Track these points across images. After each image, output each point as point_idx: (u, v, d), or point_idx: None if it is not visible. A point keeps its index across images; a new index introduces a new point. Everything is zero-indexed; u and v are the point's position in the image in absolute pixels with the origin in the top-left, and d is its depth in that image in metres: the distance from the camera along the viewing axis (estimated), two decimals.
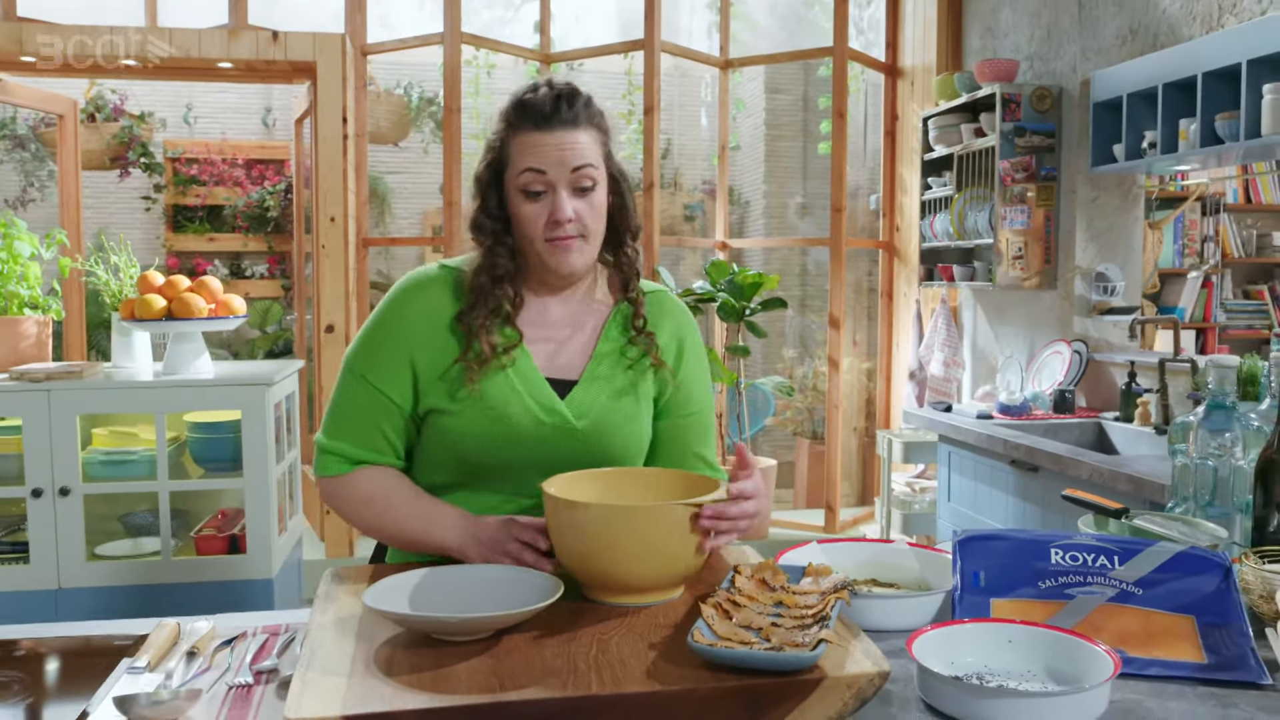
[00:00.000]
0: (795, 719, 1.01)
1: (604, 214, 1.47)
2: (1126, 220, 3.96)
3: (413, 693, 0.98)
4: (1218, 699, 1.10)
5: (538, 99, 1.42)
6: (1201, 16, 3.28)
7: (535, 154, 1.40)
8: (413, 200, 7.06)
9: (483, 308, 1.44)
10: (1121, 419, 3.49)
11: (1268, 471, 1.36)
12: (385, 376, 1.45)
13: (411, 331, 1.46)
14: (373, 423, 1.46)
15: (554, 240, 1.43)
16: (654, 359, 1.51)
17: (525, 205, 1.43)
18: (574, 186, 1.42)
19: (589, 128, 1.44)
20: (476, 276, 1.46)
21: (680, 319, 1.59)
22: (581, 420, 1.46)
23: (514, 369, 1.45)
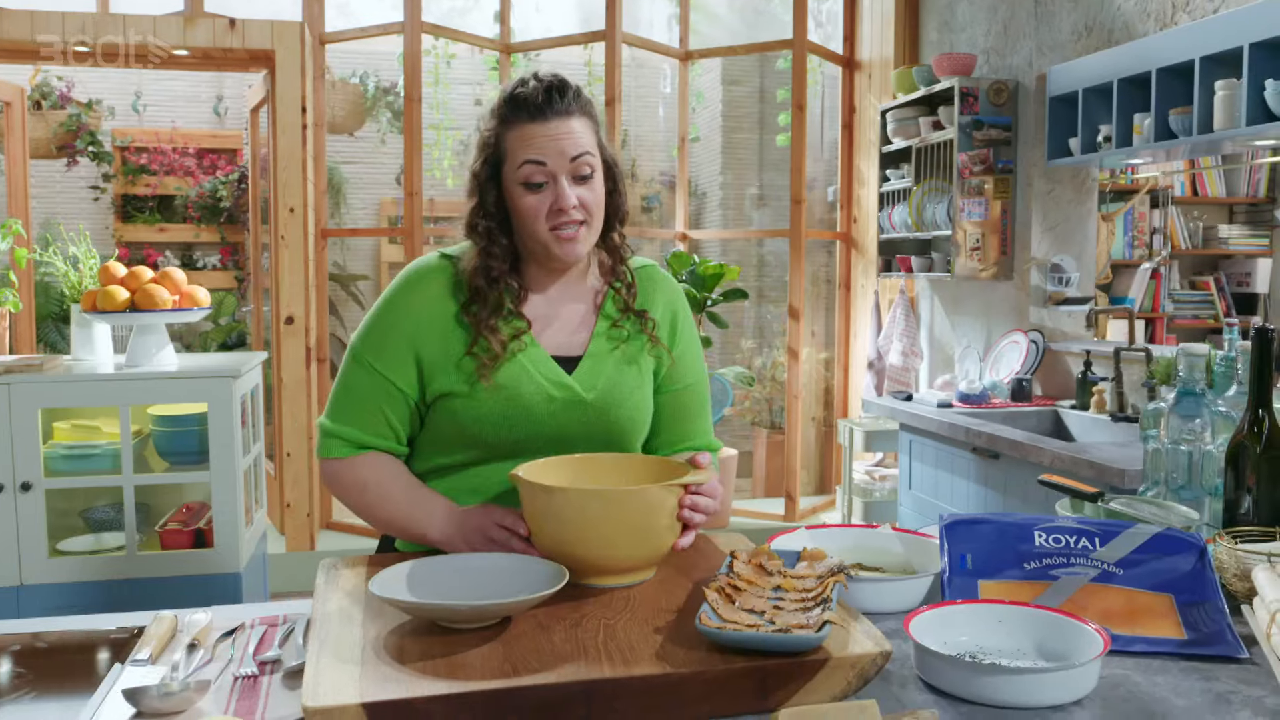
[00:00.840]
0: (801, 698, 1.04)
1: (602, 200, 1.50)
2: (1081, 212, 4.05)
3: (428, 680, 1.00)
4: (1200, 673, 1.14)
5: (529, 92, 1.44)
6: (1155, 14, 3.36)
7: (534, 146, 1.43)
8: (368, 190, 7.00)
9: (485, 307, 1.47)
10: (1078, 407, 3.58)
11: (1238, 456, 1.41)
12: (390, 364, 1.47)
13: (416, 322, 1.48)
14: (376, 408, 1.48)
15: (558, 229, 1.45)
16: (650, 336, 1.55)
17: (527, 197, 1.45)
18: (574, 175, 1.45)
19: (582, 116, 1.47)
20: (475, 277, 1.48)
21: (671, 292, 1.63)
22: (590, 392, 1.50)
23: (524, 352, 1.49)
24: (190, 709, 1.05)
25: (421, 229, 4.62)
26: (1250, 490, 1.40)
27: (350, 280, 6.81)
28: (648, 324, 1.55)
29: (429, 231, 4.83)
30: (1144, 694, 1.09)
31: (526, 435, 1.48)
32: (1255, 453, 1.39)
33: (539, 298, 1.54)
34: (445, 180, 6.15)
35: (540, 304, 1.54)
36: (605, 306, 1.56)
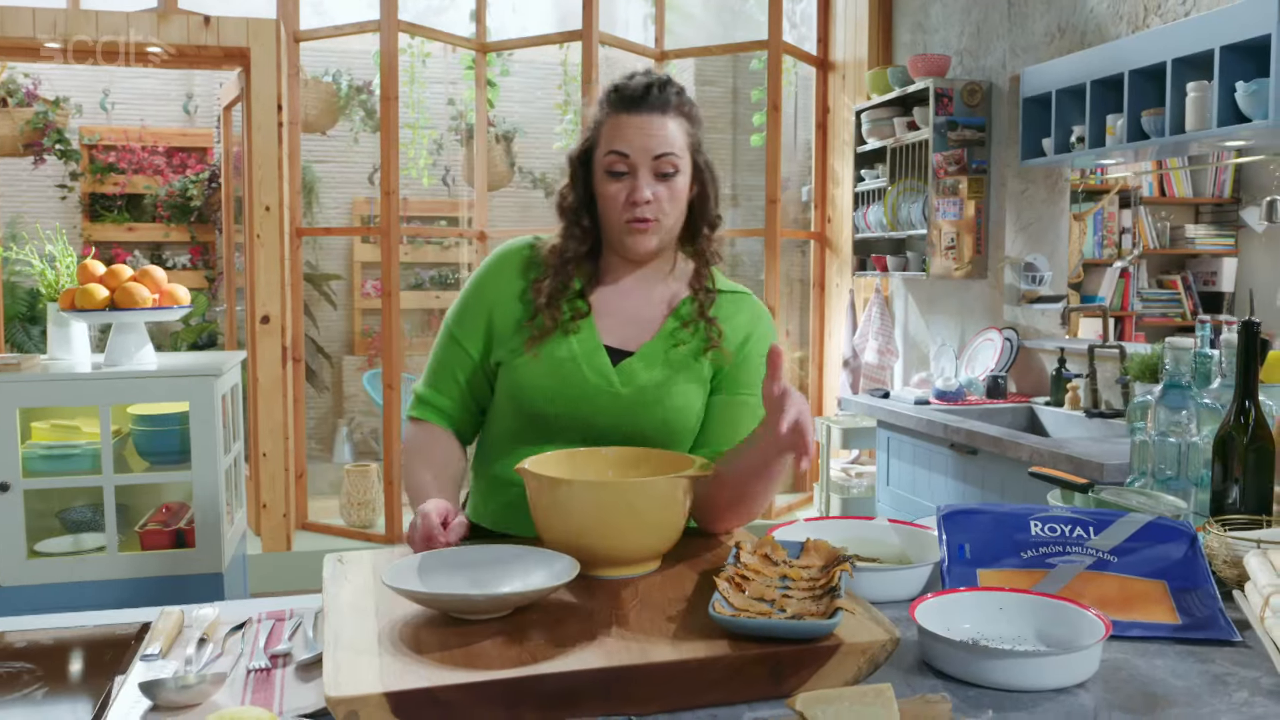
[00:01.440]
0: (814, 684, 1.06)
1: (683, 202, 1.52)
2: (1054, 212, 4.11)
3: (448, 669, 1.00)
4: (1196, 656, 1.18)
5: (631, 85, 1.49)
6: (1128, 17, 3.42)
7: (621, 136, 1.48)
8: (340, 190, 6.97)
9: (552, 283, 1.53)
10: (1052, 403, 3.63)
11: (1225, 446, 1.45)
12: (466, 331, 1.58)
13: (493, 292, 1.58)
14: (450, 372, 1.59)
15: (631, 221, 1.49)
16: (713, 341, 1.55)
17: (608, 184, 1.50)
18: (655, 171, 1.48)
19: (677, 116, 1.50)
20: (551, 255, 1.56)
21: (756, 316, 1.61)
22: (626, 388, 1.52)
23: (577, 335, 1.52)
24: (206, 701, 1.05)
25: (398, 228, 4.61)
26: (1237, 480, 1.43)
27: (323, 280, 6.77)
28: (714, 330, 1.55)
29: (405, 231, 4.82)
30: (1143, 676, 1.12)
31: (562, 413, 1.51)
32: (1242, 443, 1.43)
33: (611, 287, 1.58)
34: (421, 179, 6.13)
35: (610, 293, 1.57)
36: (679, 309, 1.57)
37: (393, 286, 4.61)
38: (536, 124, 7.10)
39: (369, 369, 6.61)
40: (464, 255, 7.03)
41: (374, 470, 4.95)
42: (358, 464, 5.06)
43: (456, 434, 1.62)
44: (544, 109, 7.03)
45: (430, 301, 6.97)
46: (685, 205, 1.53)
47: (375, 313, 7.02)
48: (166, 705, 1.04)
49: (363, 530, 4.85)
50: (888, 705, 0.97)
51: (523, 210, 7.20)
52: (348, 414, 6.89)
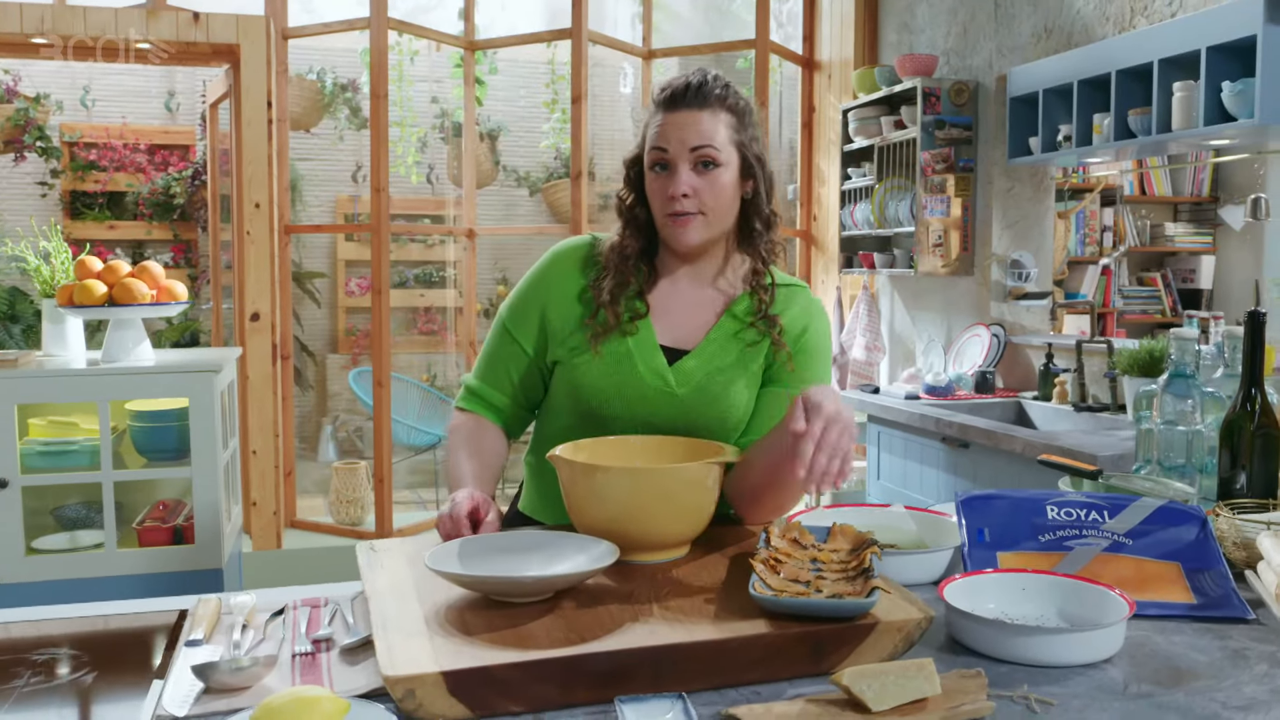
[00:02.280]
0: (852, 661, 1.09)
1: (727, 194, 1.52)
2: (1039, 210, 4.17)
3: (500, 649, 1.03)
4: (1213, 633, 1.22)
5: (675, 83, 1.52)
6: (1114, 18, 3.48)
7: (661, 132, 1.51)
8: (323, 187, 6.95)
9: (612, 281, 1.55)
10: (1040, 398, 3.69)
11: (1232, 433, 1.50)
12: (520, 326, 1.60)
13: (549, 290, 1.60)
14: (502, 365, 1.62)
15: (672, 215, 1.51)
16: (774, 339, 1.56)
17: (652, 181, 1.54)
18: (694, 164, 1.50)
19: (718, 109, 1.51)
20: (610, 253, 1.58)
21: (810, 309, 1.62)
22: (683, 388, 1.54)
23: (634, 336, 1.55)
24: (256, 684, 1.07)
25: (388, 225, 4.61)
26: (1245, 466, 1.48)
27: (307, 278, 6.75)
28: (775, 328, 1.56)
29: (394, 229, 4.82)
30: (1166, 652, 1.16)
31: (621, 413, 1.53)
32: (1249, 430, 1.48)
33: (667, 286, 1.59)
34: (409, 177, 6.13)
35: (667, 292, 1.59)
36: (734, 308, 1.58)
37: (383, 284, 4.61)
38: (520, 122, 7.11)
39: (354, 367, 6.60)
40: (450, 253, 7.03)
41: (363, 468, 4.95)
42: (347, 462, 5.06)
43: (504, 429, 1.64)
44: (527, 107, 7.05)
45: (415, 300, 6.97)
46: (733, 200, 1.54)
47: (359, 311, 7.01)
48: (219, 687, 1.05)
49: (352, 528, 4.85)
50: (930, 679, 1.00)
51: (507, 208, 7.21)
52: (331, 412, 6.87)
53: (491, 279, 7.17)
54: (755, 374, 1.58)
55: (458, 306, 6.99)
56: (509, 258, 7.24)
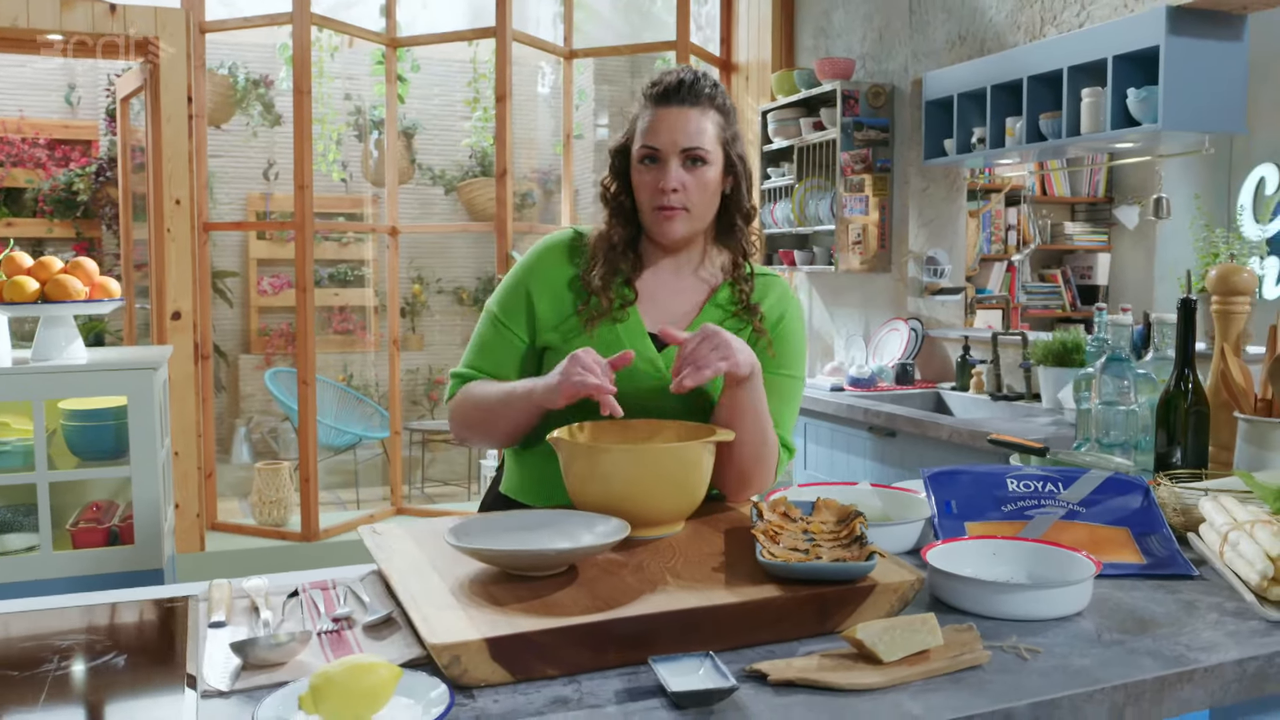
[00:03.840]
0: (854, 620, 1.18)
1: (713, 191, 1.61)
2: (953, 209, 4.36)
3: (535, 617, 1.09)
4: (1165, 589, 1.34)
5: (665, 80, 1.58)
6: (1025, 26, 3.67)
7: (652, 129, 1.58)
8: (234, 185, 6.82)
9: (602, 268, 1.61)
10: (958, 388, 3.87)
11: (1168, 412, 1.63)
12: (509, 312, 1.66)
13: (536, 279, 1.65)
14: (493, 351, 1.66)
15: (660, 209, 1.58)
16: (756, 327, 1.64)
17: (641, 174, 1.60)
18: (684, 159, 1.57)
19: (709, 109, 1.59)
20: (598, 241, 1.64)
21: (785, 298, 1.71)
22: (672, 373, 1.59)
23: (623, 323, 1.61)
24: (292, 660, 1.11)
25: (313, 222, 4.57)
26: (1180, 441, 1.62)
27: (219, 277, 6.62)
28: (756, 316, 1.64)
29: (320, 225, 4.78)
30: (1128, 606, 1.28)
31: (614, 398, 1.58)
32: (1183, 408, 1.62)
33: (651, 276, 1.66)
34: (330, 174, 6.06)
35: (652, 282, 1.66)
36: (716, 298, 1.66)
37: (307, 282, 4.57)
38: (436, 121, 7.09)
39: (268, 367, 6.50)
40: (367, 251, 6.97)
41: (286, 469, 4.90)
42: (269, 462, 4.99)
43: None
44: (444, 105, 7.03)
45: (330, 299, 6.89)
46: (716, 196, 1.62)
47: (273, 310, 6.90)
48: (258, 663, 1.09)
49: (276, 529, 4.79)
50: (933, 631, 1.10)
51: (423, 207, 7.18)
52: (245, 414, 6.75)
53: (407, 278, 7.13)
54: None
55: (375, 305, 6.94)
56: (425, 256, 7.20)
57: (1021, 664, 1.10)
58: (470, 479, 6.59)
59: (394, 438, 5.46)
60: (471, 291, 7.36)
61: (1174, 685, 1.08)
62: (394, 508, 5.36)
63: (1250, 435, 1.60)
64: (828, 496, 1.58)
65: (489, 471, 5.92)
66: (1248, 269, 1.69)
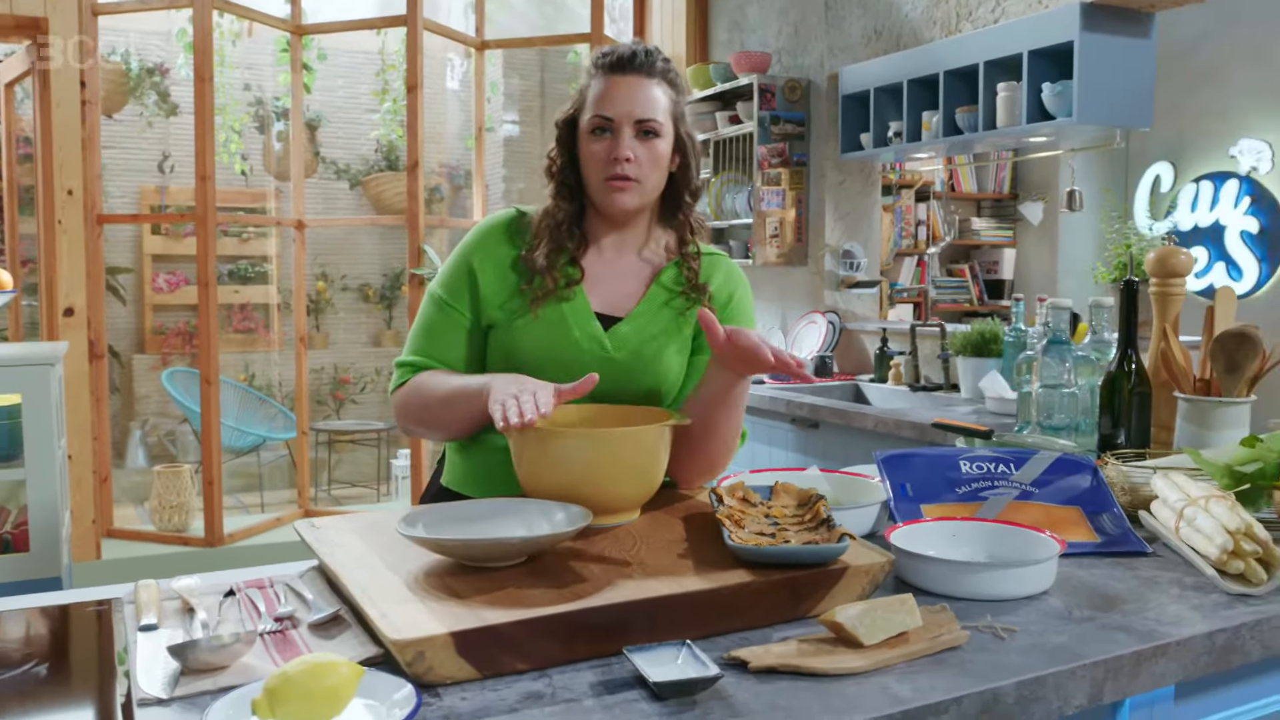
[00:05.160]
0: (827, 604, 1.15)
1: (663, 165, 1.56)
2: (868, 203, 4.40)
3: (501, 609, 1.03)
4: (1122, 566, 1.35)
5: (618, 49, 1.54)
6: (941, 22, 3.72)
7: (605, 96, 1.52)
8: (126, 177, 6.52)
9: (546, 246, 1.55)
10: (877, 380, 3.90)
11: (1112, 393, 1.65)
12: (453, 291, 1.59)
13: (479, 256, 1.60)
14: (439, 334, 1.59)
15: (611, 180, 1.52)
16: (705, 305, 1.59)
17: (591, 144, 1.54)
18: (637, 130, 1.52)
19: (661, 82, 1.55)
20: (542, 218, 1.58)
21: (733, 277, 1.67)
22: (620, 352, 1.56)
23: (569, 302, 1.55)
24: (236, 662, 1.03)
25: (215, 215, 4.39)
26: (1124, 421, 1.63)
27: (112, 273, 6.32)
28: (705, 295, 1.60)
29: (223, 217, 4.60)
30: (1090, 583, 1.27)
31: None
32: (1127, 389, 1.63)
33: (596, 255, 1.60)
34: (233, 166, 5.84)
35: (596, 260, 1.60)
36: (662, 277, 1.62)
37: (209, 277, 4.39)
38: (340, 113, 6.90)
39: (164, 368, 6.24)
40: (271, 247, 6.74)
41: (186, 472, 4.70)
42: (169, 465, 4.78)
43: None
44: (349, 98, 6.85)
45: (230, 296, 6.65)
46: (665, 171, 1.58)
47: (169, 308, 6.63)
48: (197, 667, 1.00)
49: (178, 534, 4.59)
50: (912, 612, 1.07)
51: (326, 202, 6.98)
52: (140, 416, 6.47)
53: (311, 275, 6.92)
54: (686, 340, 1.62)
55: (278, 303, 6.72)
56: (330, 253, 7.01)
57: (999, 643, 1.08)
58: (380, 480, 6.43)
59: (300, 438, 5.29)
60: (378, 289, 7.19)
61: (1150, 659, 1.07)
62: (301, 510, 5.20)
63: (1190, 414, 1.62)
64: (785, 481, 1.55)
65: (400, 472, 5.78)
66: (1185, 251, 1.72)
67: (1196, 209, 5.25)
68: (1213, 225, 5.14)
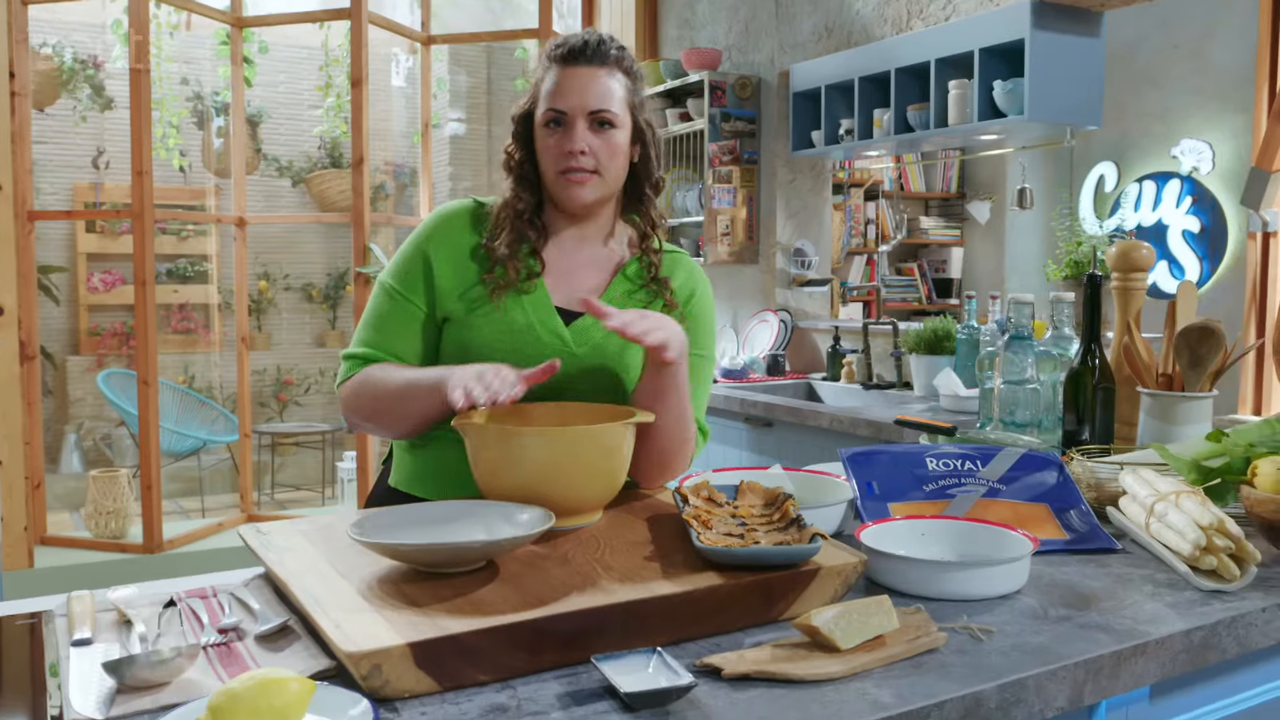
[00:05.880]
0: (799, 606, 1.11)
1: (621, 155, 1.51)
2: (818, 201, 4.39)
3: (461, 618, 0.97)
4: (1094, 563, 1.33)
5: (573, 39, 1.49)
6: (892, 19, 3.72)
7: (560, 88, 1.47)
8: (59, 174, 6.33)
9: (508, 236, 1.50)
10: (829, 378, 3.89)
11: (1076, 388, 1.63)
12: (407, 282, 1.53)
13: (436, 245, 1.54)
14: (390, 325, 1.52)
15: (567, 172, 1.47)
16: (668, 300, 1.56)
17: (545, 138, 1.49)
18: (592, 122, 1.47)
19: (616, 71, 1.50)
20: (502, 209, 1.53)
21: (695, 275, 1.63)
22: (581, 347, 1.51)
23: (529, 296, 1.50)
24: (178, 678, 0.96)
25: (153, 211, 4.26)
26: (1088, 417, 1.62)
27: (44, 272, 6.13)
28: (666, 290, 1.56)
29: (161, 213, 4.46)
30: (1063, 582, 1.25)
31: None
32: (1090, 384, 1.62)
33: (556, 248, 1.55)
34: (170, 162, 5.68)
35: (557, 253, 1.55)
36: (625, 270, 1.57)
37: (147, 276, 4.26)
38: (283, 109, 6.77)
39: (100, 369, 6.06)
40: (211, 245, 6.58)
41: (124, 476, 4.56)
42: (104, 470, 4.64)
43: None
44: (291, 93, 6.71)
45: (169, 295, 6.47)
46: (625, 162, 1.53)
47: (104, 308, 6.45)
48: (135, 684, 0.94)
49: (114, 541, 4.45)
50: (889, 614, 1.04)
51: (268, 200, 6.84)
52: (75, 419, 6.28)
53: (253, 274, 6.77)
54: None
55: (219, 303, 6.57)
56: (272, 251, 6.86)
57: (977, 645, 1.05)
58: (325, 483, 6.31)
59: (242, 441, 5.16)
60: (322, 288, 7.05)
61: (1130, 659, 1.05)
62: (244, 515, 5.08)
63: (1154, 409, 1.61)
64: (750, 480, 1.52)
65: (346, 475, 5.67)
66: (1146, 246, 1.71)
67: (1140, 208, 5.33)
68: (1155, 225, 5.22)
